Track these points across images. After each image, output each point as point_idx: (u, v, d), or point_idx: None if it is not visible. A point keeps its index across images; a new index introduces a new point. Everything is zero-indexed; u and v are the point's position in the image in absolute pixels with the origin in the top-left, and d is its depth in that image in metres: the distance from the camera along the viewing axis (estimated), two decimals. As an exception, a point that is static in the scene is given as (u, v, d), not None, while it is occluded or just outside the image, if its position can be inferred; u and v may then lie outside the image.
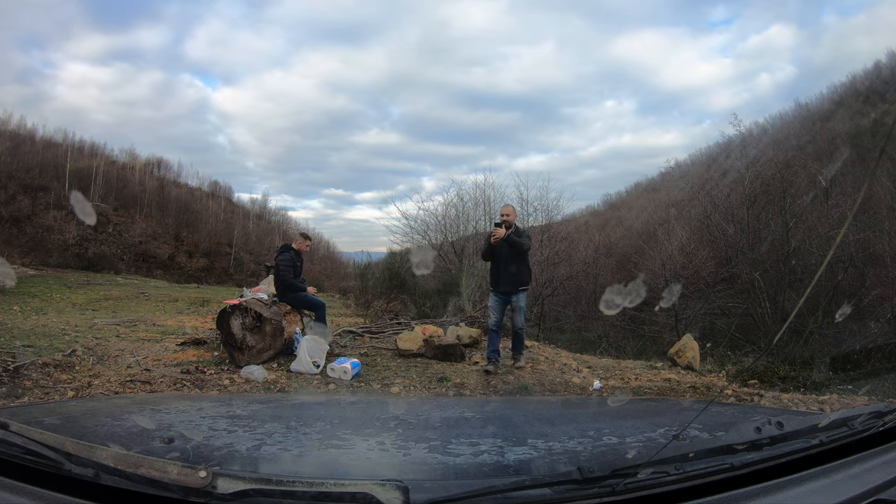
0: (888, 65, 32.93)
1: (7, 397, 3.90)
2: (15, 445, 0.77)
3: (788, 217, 13.38)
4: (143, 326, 8.40)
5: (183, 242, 38.90)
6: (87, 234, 32.68)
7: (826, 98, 35.31)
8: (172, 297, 15.60)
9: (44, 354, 5.18)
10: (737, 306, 13.75)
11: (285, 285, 5.83)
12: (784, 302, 12.20)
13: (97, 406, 1.67)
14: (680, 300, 13.15)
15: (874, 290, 11.58)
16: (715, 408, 1.69)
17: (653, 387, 5.35)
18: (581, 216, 31.88)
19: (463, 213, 15.88)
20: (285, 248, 6.06)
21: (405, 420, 1.47)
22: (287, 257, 5.88)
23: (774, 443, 0.89)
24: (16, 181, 32.52)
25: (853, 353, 7.96)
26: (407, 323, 8.03)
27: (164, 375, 4.77)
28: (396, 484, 0.70)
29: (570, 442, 1.20)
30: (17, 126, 37.28)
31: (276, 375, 4.98)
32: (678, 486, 0.79)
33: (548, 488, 0.76)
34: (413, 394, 4.74)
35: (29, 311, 9.62)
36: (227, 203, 48.33)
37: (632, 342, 12.16)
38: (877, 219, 12.33)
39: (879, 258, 12.04)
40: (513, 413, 1.68)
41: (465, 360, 6.00)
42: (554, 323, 15.00)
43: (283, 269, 5.80)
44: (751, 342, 11.76)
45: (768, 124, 33.03)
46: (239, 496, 0.70)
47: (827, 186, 13.91)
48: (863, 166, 15.25)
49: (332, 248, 48.12)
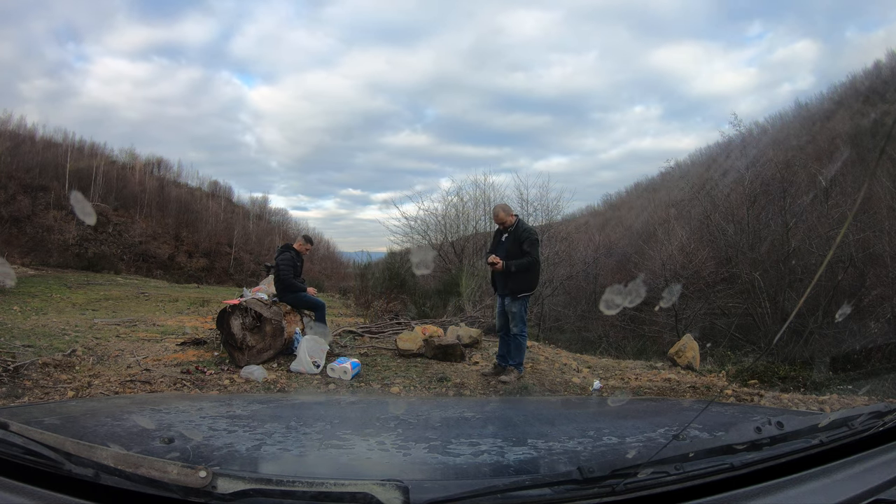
0: (888, 65, 32.95)
1: (7, 397, 3.90)
2: (15, 445, 0.77)
3: (788, 217, 13.39)
4: (143, 326, 8.40)
5: (183, 242, 38.91)
6: (87, 234, 32.69)
7: (826, 98, 35.34)
8: (172, 297, 15.60)
9: (44, 354, 5.18)
10: (737, 306, 13.76)
11: (285, 285, 5.83)
12: (784, 302, 12.20)
13: (97, 406, 1.68)
14: (680, 300, 13.15)
15: (874, 290, 11.58)
16: (715, 408, 1.69)
17: (653, 387, 5.35)
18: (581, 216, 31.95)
19: (463, 213, 15.91)
20: (286, 248, 6.05)
21: (405, 420, 1.47)
22: (287, 257, 5.87)
23: (774, 443, 0.89)
24: (16, 181, 32.52)
25: (853, 353, 7.95)
26: (407, 323, 8.02)
27: (164, 375, 4.76)
28: (396, 484, 0.70)
29: (570, 442, 1.20)
30: (17, 126, 37.35)
31: (276, 375, 4.98)
32: (678, 486, 0.79)
33: (548, 488, 0.76)
34: (413, 394, 4.74)
35: (29, 311, 9.62)
36: (227, 203, 48.36)
37: (632, 342, 12.17)
38: (877, 219, 12.33)
39: (879, 258, 12.04)
40: (513, 413, 1.68)
41: (465, 360, 6.00)
42: (554, 323, 15.02)
43: (283, 269, 5.79)
44: (751, 342, 11.76)
45: (768, 124, 33.08)
46: (239, 496, 0.70)
47: (827, 186, 13.90)
48: (863, 166, 15.24)
49: (333, 248, 48.20)
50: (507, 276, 4.83)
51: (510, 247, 4.88)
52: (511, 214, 5.04)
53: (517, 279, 4.82)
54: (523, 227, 5.01)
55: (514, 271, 4.76)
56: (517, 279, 4.82)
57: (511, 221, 4.98)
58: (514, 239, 4.90)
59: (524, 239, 4.86)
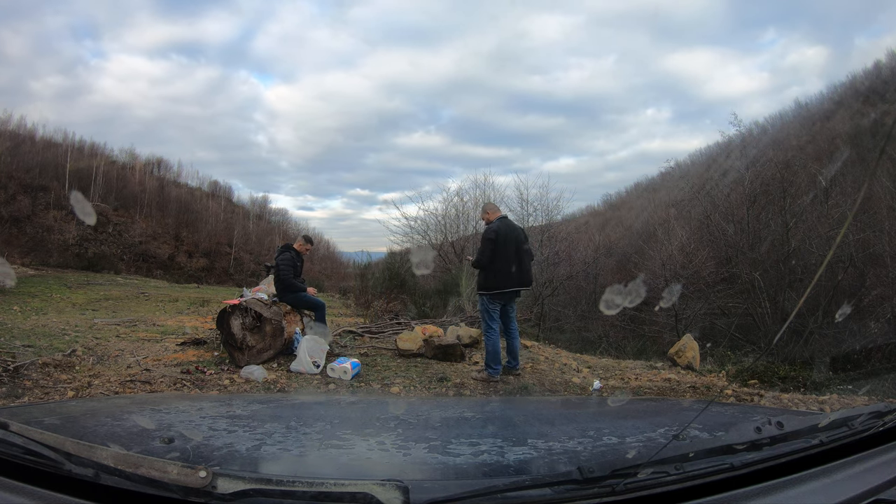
0: (888, 65, 32.94)
1: (7, 397, 3.90)
2: (15, 445, 0.77)
3: (788, 217, 13.39)
4: (143, 326, 8.40)
5: (183, 242, 38.93)
6: (87, 234, 32.70)
7: (826, 98, 35.32)
8: (172, 297, 15.60)
9: (44, 354, 5.18)
10: (737, 306, 13.76)
11: (285, 285, 5.83)
12: (784, 302, 12.20)
13: (97, 406, 1.68)
14: (680, 300, 13.15)
15: (874, 290, 11.58)
16: (715, 408, 1.69)
17: (653, 387, 5.35)
18: (581, 216, 31.96)
19: (463, 213, 15.91)
20: (286, 248, 6.05)
21: (405, 420, 1.47)
22: (287, 257, 5.87)
23: (774, 443, 0.89)
24: (16, 181, 32.53)
25: (853, 353, 7.95)
26: (407, 323, 8.02)
27: (164, 375, 4.76)
28: (396, 484, 0.70)
29: (570, 442, 1.19)
30: (17, 126, 37.36)
31: (276, 375, 4.98)
32: (678, 486, 0.79)
33: (548, 488, 0.76)
34: (413, 394, 4.73)
35: (29, 311, 9.62)
36: (227, 203, 48.37)
37: (632, 342, 12.17)
38: (877, 219, 12.33)
39: (879, 258, 12.04)
40: (513, 413, 1.68)
41: (465, 360, 6.00)
42: (554, 323, 15.01)
43: (283, 269, 5.79)
44: (751, 342, 11.76)
45: (768, 124, 33.07)
46: (239, 496, 0.70)
47: (827, 186, 13.90)
48: (863, 166, 15.23)
49: (333, 248, 48.20)
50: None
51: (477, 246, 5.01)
52: (488, 213, 5.05)
53: (478, 277, 4.99)
54: (487, 227, 5.00)
55: (474, 268, 4.93)
56: (478, 277, 4.99)
57: (487, 219, 5.02)
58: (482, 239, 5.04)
59: (482, 238, 4.98)
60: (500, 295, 4.90)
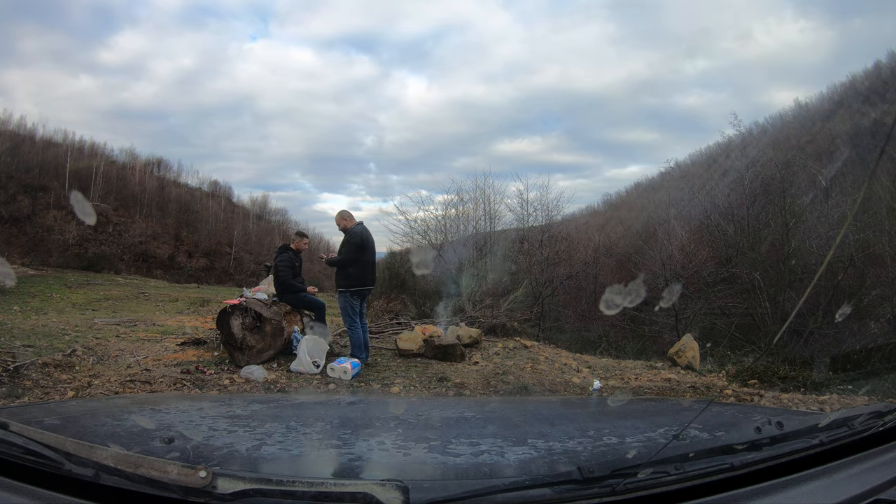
0: (888, 65, 32.88)
1: (7, 397, 3.90)
2: (15, 445, 0.77)
3: (788, 217, 13.37)
4: (143, 326, 8.40)
5: (183, 242, 38.91)
6: (87, 234, 32.68)
7: (826, 98, 35.26)
8: (172, 297, 15.60)
9: (44, 354, 5.18)
10: (737, 306, 13.74)
11: (284, 286, 5.83)
12: (784, 302, 12.18)
13: (97, 406, 1.68)
14: (680, 300, 13.13)
15: (874, 290, 11.57)
16: (715, 408, 1.69)
17: (653, 387, 5.35)
18: (581, 216, 31.86)
19: (463, 213, 15.91)
20: (284, 249, 6.05)
21: (405, 420, 1.47)
22: (286, 258, 5.87)
23: (774, 443, 0.89)
24: (16, 181, 32.51)
25: (853, 353, 7.94)
26: (407, 323, 8.02)
27: (164, 375, 4.76)
28: (396, 484, 0.70)
29: (570, 442, 1.19)
30: (17, 126, 37.33)
31: (276, 375, 4.98)
32: (678, 486, 0.79)
33: (548, 488, 0.76)
34: (413, 394, 4.74)
35: (29, 311, 9.62)
36: (227, 203, 48.31)
37: (632, 342, 12.16)
38: (877, 219, 12.31)
39: (879, 258, 12.03)
40: (513, 413, 1.68)
41: (465, 360, 6.00)
42: (554, 323, 14.97)
43: (281, 270, 5.79)
44: (751, 342, 11.75)
45: (768, 124, 33.04)
46: (239, 496, 0.70)
47: (827, 186, 13.89)
48: (863, 166, 15.23)
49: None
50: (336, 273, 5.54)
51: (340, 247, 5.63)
52: (346, 219, 5.61)
53: (337, 275, 5.52)
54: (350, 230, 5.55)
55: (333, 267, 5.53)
56: (337, 275, 5.52)
57: (345, 225, 5.56)
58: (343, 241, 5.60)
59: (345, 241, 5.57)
60: (360, 292, 5.53)
